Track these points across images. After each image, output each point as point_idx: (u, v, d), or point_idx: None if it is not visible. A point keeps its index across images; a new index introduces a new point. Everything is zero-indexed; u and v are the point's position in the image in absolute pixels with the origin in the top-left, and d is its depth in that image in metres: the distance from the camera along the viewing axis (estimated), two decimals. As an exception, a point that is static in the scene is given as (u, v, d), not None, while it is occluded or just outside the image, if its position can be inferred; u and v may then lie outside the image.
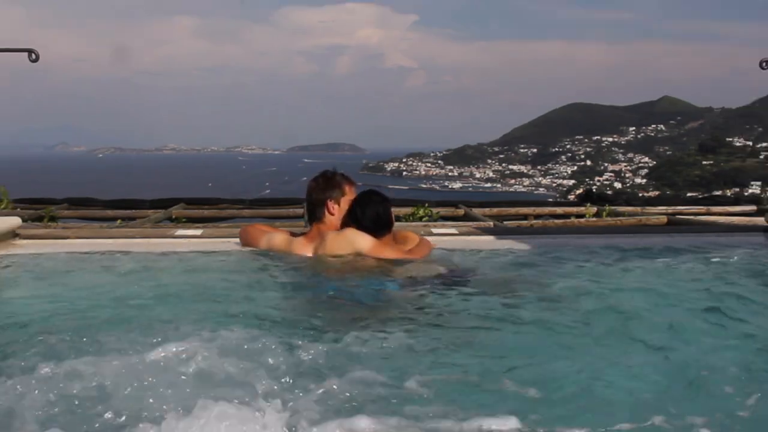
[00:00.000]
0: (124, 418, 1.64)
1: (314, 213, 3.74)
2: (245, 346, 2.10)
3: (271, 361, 2.00)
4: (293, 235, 3.85)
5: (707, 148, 69.44)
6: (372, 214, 3.63)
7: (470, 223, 5.82)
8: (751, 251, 3.99)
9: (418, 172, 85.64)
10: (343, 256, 3.55)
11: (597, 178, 73.50)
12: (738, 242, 4.35)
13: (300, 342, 2.18)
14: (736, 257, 3.81)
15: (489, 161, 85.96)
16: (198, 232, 4.66)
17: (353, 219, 3.66)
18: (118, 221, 6.44)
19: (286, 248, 3.74)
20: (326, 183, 3.76)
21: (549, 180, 77.86)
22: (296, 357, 2.04)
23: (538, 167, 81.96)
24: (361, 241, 3.56)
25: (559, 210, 7.84)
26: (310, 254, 3.66)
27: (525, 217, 7.42)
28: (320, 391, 1.79)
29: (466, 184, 77.86)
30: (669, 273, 3.50)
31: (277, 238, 3.83)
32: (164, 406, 1.68)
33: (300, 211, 7.27)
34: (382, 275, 3.35)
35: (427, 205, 7.15)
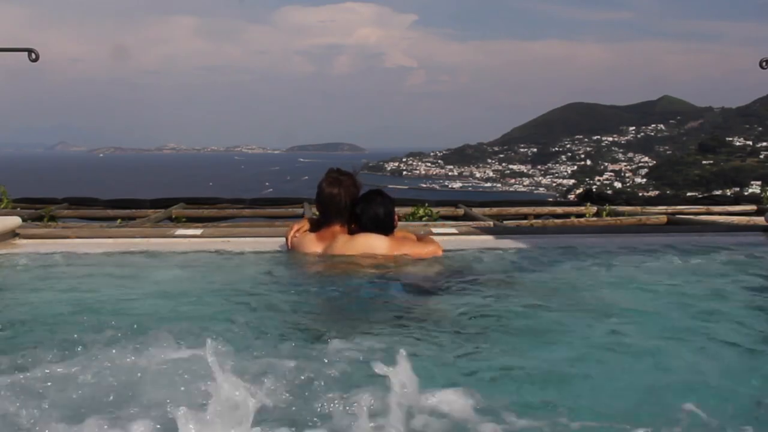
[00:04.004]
0: (123, 417, 1.64)
1: (342, 213, 3.64)
2: (245, 347, 2.10)
3: (273, 361, 2.00)
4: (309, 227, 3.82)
5: (707, 148, 69.46)
6: (371, 215, 3.59)
7: (470, 223, 5.82)
8: (751, 251, 3.99)
9: (418, 171, 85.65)
10: (354, 256, 3.53)
11: (597, 178, 73.50)
12: (738, 242, 4.36)
13: (301, 344, 2.19)
14: (736, 257, 3.81)
15: (489, 161, 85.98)
16: (198, 231, 4.66)
17: (354, 217, 3.63)
18: (118, 221, 6.42)
19: (297, 246, 3.73)
20: (356, 184, 3.69)
21: (549, 180, 77.86)
22: (298, 358, 2.04)
23: (538, 167, 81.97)
24: (377, 243, 3.54)
25: (559, 210, 7.82)
26: (320, 253, 3.63)
27: (525, 216, 7.40)
28: (320, 392, 1.79)
29: (466, 184, 77.86)
30: (669, 272, 3.50)
31: (297, 236, 3.79)
32: (163, 406, 1.68)
33: (300, 210, 7.26)
34: (387, 277, 3.34)
35: (426, 204, 7.14)
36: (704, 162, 67.51)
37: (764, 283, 3.28)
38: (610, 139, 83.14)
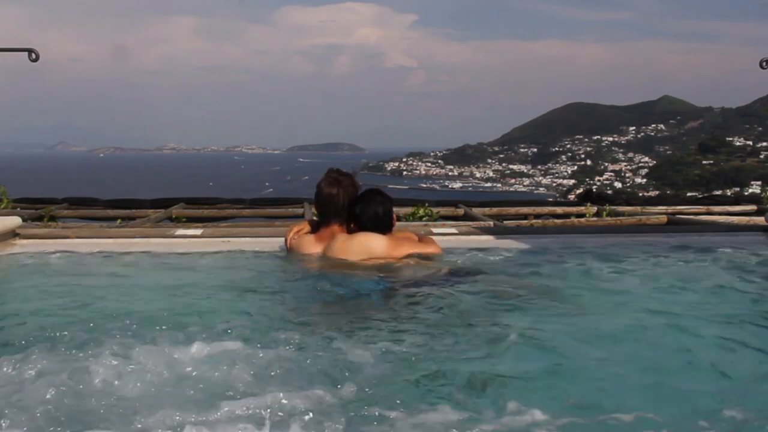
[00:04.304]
0: (123, 417, 1.64)
1: (340, 213, 3.64)
2: (240, 348, 2.10)
3: (268, 362, 2.00)
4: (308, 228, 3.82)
5: (707, 148, 69.46)
6: (371, 214, 3.59)
7: (470, 223, 5.82)
8: (751, 251, 3.99)
9: (418, 171, 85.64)
10: (354, 257, 3.52)
11: (597, 178, 73.50)
12: (738, 242, 4.35)
13: (299, 343, 2.18)
14: (735, 257, 3.81)
15: (489, 161, 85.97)
16: (198, 231, 4.66)
17: (352, 217, 3.63)
18: (118, 221, 6.42)
19: (296, 247, 3.73)
20: (355, 184, 3.70)
21: (549, 180, 77.85)
22: (295, 358, 2.05)
23: (538, 167, 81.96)
24: (375, 242, 3.53)
25: (559, 210, 7.82)
26: (319, 253, 3.63)
27: (525, 216, 7.40)
28: (317, 391, 1.79)
29: (466, 184, 77.85)
30: (668, 272, 3.50)
31: (296, 238, 3.79)
32: (161, 406, 1.68)
33: (300, 211, 7.26)
34: (385, 277, 3.34)
35: (427, 204, 7.14)
36: (704, 162, 67.50)
37: (764, 283, 3.28)
38: (610, 139, 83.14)
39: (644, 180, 71.11)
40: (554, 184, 75.06)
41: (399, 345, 2.23)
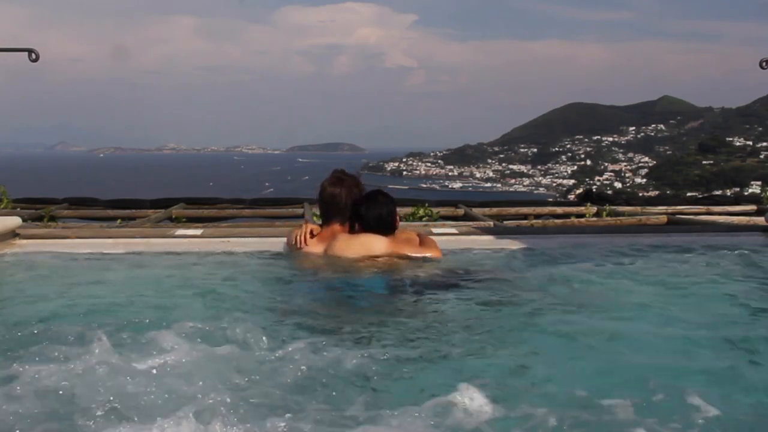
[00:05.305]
0: (121, 418, 1.64)
1: (342, 213, 3.66)
2: (239, 348, 2.10)
3: (267, 362, 2.01)
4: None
5: (707, 148, 69.46)
6: (375, 215, 3.62)
7: (470, 223, 5.82)
8: (751, 251, 3.99)
9: (418, 171, 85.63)
10: (355, 257, 3.53)
11: (597, 178, 73.48)
12: (738, 242, 4.35)
13: (296, 344, 2.18)
14: (736, 257, 3.81)
15: (489, 161, 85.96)
16: (198, 231, 4.65)
17: (356, 217, 3.65)
18: (118, 221, 6.42)
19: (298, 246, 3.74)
20: (359, 185, 3.73)
21: (549, 180, 77.83)
22: (291, 359, 2.05)
23: (538, 167, 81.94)
24: (376, 243, 3.55)
25: (559, 210, 7.81)
26: (320, 253, 3.64)
27: (525, 216, 7.40)
28: (311, 392, 1.79)
29: (466, 184, 77.84)
30: (668, 273, 3.50)
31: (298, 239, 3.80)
32: (160, 405, 1.68)
33: (300, 210, 7.26)
34: (385, 278, 3.34)
35: (427, 204, 7.13)
36: (704, 162, 67.50)
37: (764, 283, 3.28)
38: (610, 139, 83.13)
39: (644, 180, 71.11)
40: (554, 184, 75.04)
41: (397, 346, 2.23)
